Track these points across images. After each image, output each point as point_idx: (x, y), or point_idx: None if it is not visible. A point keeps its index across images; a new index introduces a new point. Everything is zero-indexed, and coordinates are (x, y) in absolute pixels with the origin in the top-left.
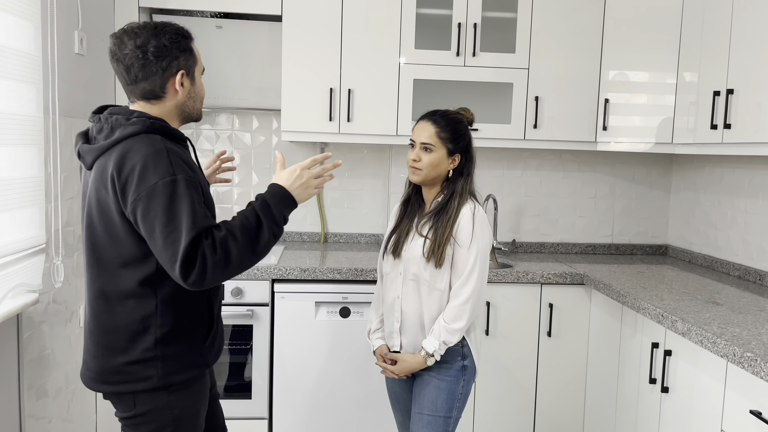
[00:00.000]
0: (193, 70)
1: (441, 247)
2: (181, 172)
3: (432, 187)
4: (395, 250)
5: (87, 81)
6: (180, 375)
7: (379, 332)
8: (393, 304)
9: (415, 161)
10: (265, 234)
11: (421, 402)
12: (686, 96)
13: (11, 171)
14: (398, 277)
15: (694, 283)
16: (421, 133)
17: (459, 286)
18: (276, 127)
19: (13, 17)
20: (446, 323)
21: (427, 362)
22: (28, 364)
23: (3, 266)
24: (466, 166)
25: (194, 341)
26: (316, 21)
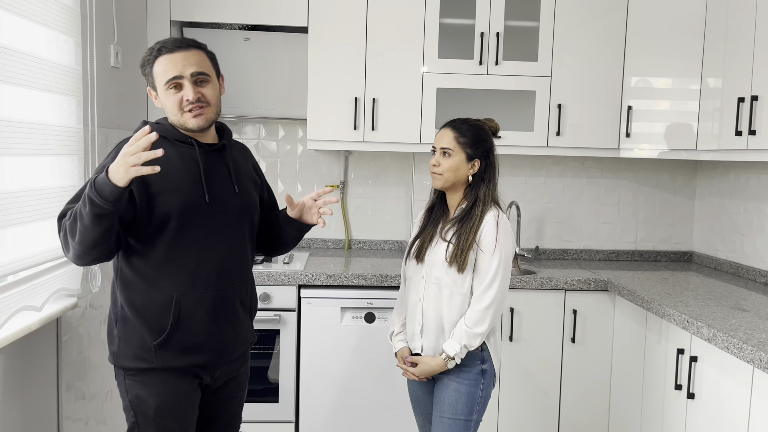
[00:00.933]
0: (155, 85)
1: (464, 252)
2: (106, 163)
3: (454, 192)
4: (419, 254)
5: (122, 93)
6: (129, 361)
7: (401, 335)
8: (415, 306)
9: (434, 166)
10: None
11: (441, 405)
12: (710, 102)
13: (53, 180)
14: (421, 280)
15: (720, 289)
16: (442, 138)
17: (482, 291)
18: (301, 135)
19: (56, 33)
20: (468, 327)
21: (448, 365)
22: (66, 366)
23: (45, 272)
24: (487, 172)
25: (144, 334)
26: (341, 32)
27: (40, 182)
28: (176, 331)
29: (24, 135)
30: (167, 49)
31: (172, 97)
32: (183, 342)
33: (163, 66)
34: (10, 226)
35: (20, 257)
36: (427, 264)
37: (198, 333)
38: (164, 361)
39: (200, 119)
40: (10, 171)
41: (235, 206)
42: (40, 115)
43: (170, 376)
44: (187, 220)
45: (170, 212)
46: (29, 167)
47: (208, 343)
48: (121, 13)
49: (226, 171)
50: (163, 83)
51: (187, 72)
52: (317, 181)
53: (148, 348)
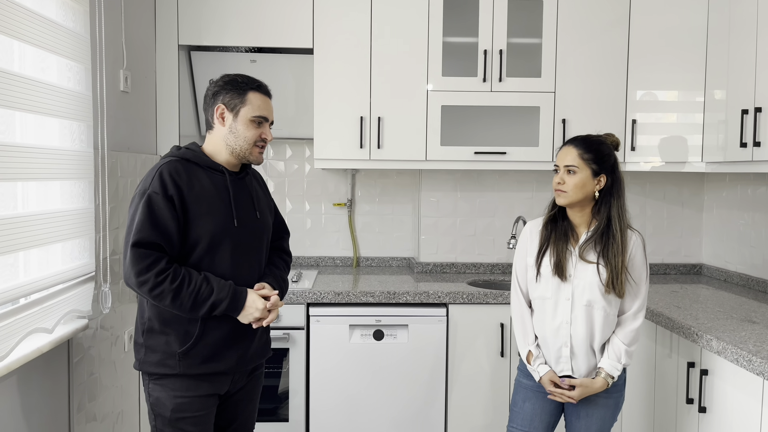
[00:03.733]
0: (239, 109)
1: (619, 277)
2: (153, 188)
3: (581, 209)
4: (561, 272)
5: (131, 117)
6: (153, 368)
7: (540, 358)
8: (559, 329)
9: (559, 184)
10: (199, 311)
11: (589, 419)
12: (715, 114)
13: (64, 203)
14: (565, 302)
15: (730, 302)
16: (565, 156)
17: (635, 311)
18: (308, 155)
19: (66, 59)
20: (627, 346)
21: (608, 384)
22: (77, 388)
23: (56, 294)
24: (614, 187)
25: (170, 344)
26: (346, 52)
27: (51, 206)
28: (200, 342)
29: (36, 160)
30: (264, 91)
31: (253, 130)
32: (205, 352)
33: (259, 101)
34: (22, 250)
35: (32, 280)
36: (573, 285)
37: (220, 345)
38: (185, 368)
39: (261, 157)
40: (22, 195)
41: (257, 230)
42: (51, 140)
43: (189, 381)
44: (218, 242)
45: (202, 234)
46: (41, 191)
47: (228, 354)
48: (129, 39)
49: (249, 197)
50: (252, 115)
51: (271, 117)
52: (324, 199)
53: (172, 355)
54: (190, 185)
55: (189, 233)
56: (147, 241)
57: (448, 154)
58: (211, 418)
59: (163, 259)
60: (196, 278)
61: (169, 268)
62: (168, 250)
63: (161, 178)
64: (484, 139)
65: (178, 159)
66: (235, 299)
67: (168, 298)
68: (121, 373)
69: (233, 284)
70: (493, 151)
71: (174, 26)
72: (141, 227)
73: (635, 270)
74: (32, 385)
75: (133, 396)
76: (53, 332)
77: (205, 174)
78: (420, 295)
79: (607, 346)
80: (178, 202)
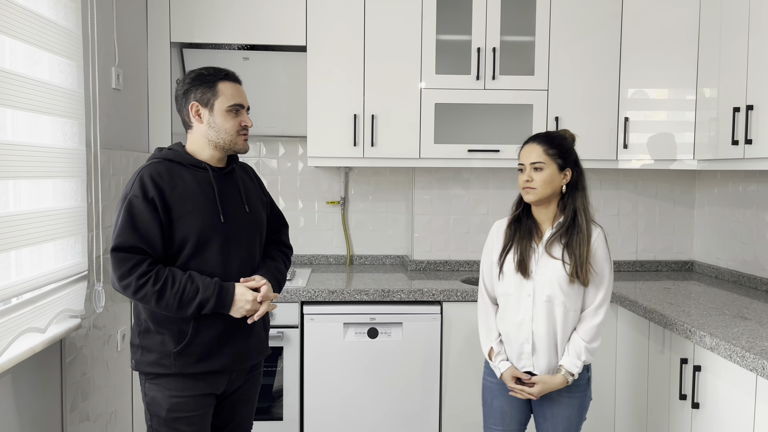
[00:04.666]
0: (213, 102)
1: (584, 267)
2: (133, 192)
3: (547, 206)
4: (524, 269)
5: (123, 114)
6: (149, 367)
7: (501, 354)
8: (521, 325)
9: (527, 182)
10: (184, 311)
11: (554, 420)
12: (706, 112)
13: (56, 202)
14: (526, 298)
15: (722, 298)
16: (530, 154)
17: (596, 307)
18: (301, 153)
19: (58, 56)
20: (587, 343)
21: (568, 382)
22: (70, 387)
23: (48, 293)
24: (580, 180)
25: (165, 343)
26: (339, 50)
27: (43, 204)
28: (195, 341)
29: (27, 158)
30: (233, 78)
31: (231, 120)
32: (200, 351)
33: (231, 90)
34: (14, 249)
35: (24, 279)
36: (534, 281)
37: (214, 343)
38: (181, 367)
39: (247, 144)
40: (14, 194)
41: (247, 225)
42: (43, 138)
43: (185, 380)
44: (205, 240)
45: (189, 233)
46: (33, 189)
47: (223, 352)
48: (121, 36)
49: (237, 192)
50: (227, 105)
51: (246, 103)
52: (318, 197)
53: (167, 355)
54: (173, 185)
55: (175, 233)
56: (127, 245)
57: (442, 152)
58: (207, 418)
59: (145, 262)
60: (180, 278)
61: (151, 270)
62: (151, 253)
63: (141, 181)
64: (477, 136)
65: (160, 160)
66: (221, 295)
67: (153, 300)
68: (114, 372)
69: (219, 281)
70: (487, 149)
71: (166, 23)
72: (121, 231)
73: (597, 263)
74: (25, 385)
75: (126, 396)
76: (46, 332)
77: (189, 172)
78: (414, 292)
79: (568, 343)
80: (159, 203)
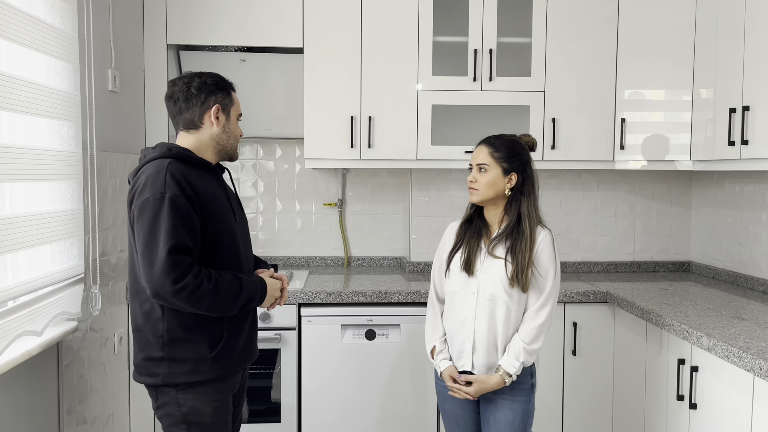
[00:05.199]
0: (230, 108)
1: (524, 272)
2: (171, 191)
3: (494, 207)
4: (468, 267)
5: (120, 116)
6: (184, 377)
7: (443, 353)
8: (464, 323)
9: (471, 182)
10: (232, 308)
11: (498, 425)
12: (703, 113)
13: (53, 204)
14: (470, 296)
15: (719, 299)
16: (477, 155)
17: (537, 308)
18: (299, 154)
19: (54, 59)
20: (526, 344)
21: (506, 382)
22: (67, 391)
23: (45, 296)
24: (525, 185)
25: (199, 350)
26: (336, 52)
27: (40, 207)
28: (229, 341)
29: (24, 160)
30: (234, 90)
31: (238, 127)
32: (233, 351)
33: (237, 101)
34: (10, 251)
35: (20, 282)
36: (478, 279)
37: (241, 341)
38: (220, 370)
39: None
40: (10, 196)
41: (245, 224)
42: (39, 141)
43: (220, 384)
44: (231, 240)
45: (219, 233)
46: (29, 192)
47: (247, 349)
48: (118, 38)
49: (232, 194)
50: (237, 113)
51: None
52: (315, 199)
53: (204, 360)
54: (196, 185)
55: (208, 234)
56: (182, 245)
57: (439, 154)
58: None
59: (194, 262)
60: (224, 275)
61: (201, 270)
62: (195, 253)
63: (175, 179)
64: (474, 138)
65: (173, 160)
66: (263, 288)
67: (208, 299)
68: (111, 375)
69: (260, 276)
70: None
71: (162, 25)
72: (175, 232)
73: (541, 265)
74: (22, 388)
75: (123, 398)
76: (42, 335)
77: (201, 174)
78: (412, 294)
79: (509, 344)
80: (195, 202)
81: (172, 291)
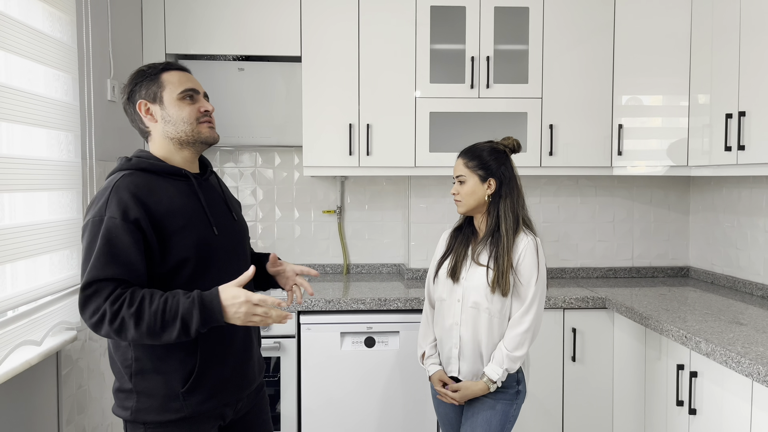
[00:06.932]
0: (161, 94)
1: (504, 276)
2: (110, 213)
3: (480, 215)
4: (454, 275)
5: (119, 126)
6: (153, 415)
7: (433, 357)
8: (451, 330)
9: (454, 194)
10: (168, 334)
11: (474, 422)
12: (699, 118)
13: (52, 214)
14: (456, 303)
15: (717, 304)
16: (455, 168)
17: (520, 315)
18: (297, 162)
19: (53, 69)
20: (509, 351)
21: (490, 389)
22: (66, 400)
23: (44, 306)
24: (503, 189)
25: (170, 382)
26: (334, 60)
27: (39, 217)
28: (203, 373)
29: (23, 170)
30: (176, 66)
31: (187, 107)
32: (210, 383)
33: (177, 78)
34: (9, 262)
35: (20, 292)
36: (463, 287)
37: (223, 370)
38: (194, 408)
39: (214, 132)
40: (9, 206)
41: (237, 233)
42: (38, 151)
43: (197, 421)
44: (204, 257)
45: (187, 252)
46: (28, 202)
47: (232, 379)
48: (117, 48)
49: (221, 199)
50: (176, 93)
51: (201, 89)
52: (314, 207)
53: (175, 396)
54: (157, 199)
55: (170, 254)
56: (102, 277)
57: (437, 161)
58: None
59: (120, 286)
60: (159, 296)
61: (124, 293)
62: (132, 281)
63: (119, 199)
64: None
65: (132, 171)
66: (207, 304)
67: (130, 326)
68: (110, 385)
69: (199, 291)
70: None
71: (161, 35)
72: (96, 263)
73: (523, 273)
74: (20, 398)
75: None
76: (42, 344)
77: (168, 183)
78: (411, 301)
79: (494, 351)
80: (146, 223)
81: (91, 324)
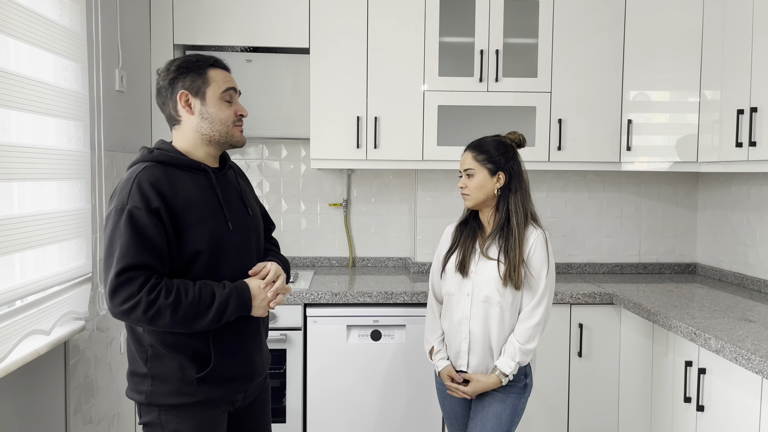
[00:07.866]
0: (204, 90)
1: (516, 269)
2: (133, 203)
3: (487, 209)
4: (463, 269)
5: (127, 116)
6: (167, 398)
7: (441, 353)
8: (460, 324)
9: (462, 188)
10: (200, 322)
11: (484, 415)
12: (710, 114)
13: (60, 204)
14: (465, 297)
15: (725, 300)
16: (463, 162)
17: (531, 308)
18: (304, 155)
19: (63, 58)
20: (521, 344)
21: (502, 382)
22: (74, 390)
23: (53, 295)
24: (513, 183)
25: (184, 368)
26: (342, 52)
27: (47, 206)
28: (218, 361)
29: (32, 160)
30: (221, 65)
31: (226, 109)
32: (223, 372)
33: (222, 76)
34: (18, 251)
35: (29, 281)
36: (473, 281)
37: (235, 361)
38: (207, 393)
39: (243, 136)
40: (18, 196)
41: (252, 229)
42: (47, 140)
43: (210, 406)
44: (218, 250)
45: (200, 245)
46: (37, 192)
47: (243, 369)
48: (125, 38)
49: (237, 195)
50: (219, 91)
51: (239, 88)
52: (320, 200)
53: (189, 382)
54: (174, 192)
55: (184, 246)
56: (136, 264)
57: (445, 154)
58: None
59: (153, 276)
60: (193, 285)
61: (160, 283)
62: (160, 270)
63: (141, 189)
64: None
65: (153, 164)
66: (241, 293)
67: (167, 316)
68: (117, 374)
69: (229, 282)
70: None
71: (169, 26)
72: (127, 250)
73: (533, 266)
74: (29, 387)
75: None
76: (50, 334)
77: (187, 176)
78: (417, 294)
79: (504, 345)
80: (165, 214)
81: (120, 312)
